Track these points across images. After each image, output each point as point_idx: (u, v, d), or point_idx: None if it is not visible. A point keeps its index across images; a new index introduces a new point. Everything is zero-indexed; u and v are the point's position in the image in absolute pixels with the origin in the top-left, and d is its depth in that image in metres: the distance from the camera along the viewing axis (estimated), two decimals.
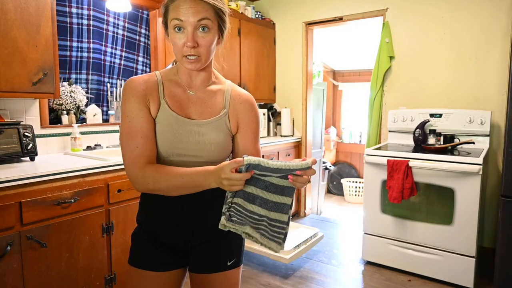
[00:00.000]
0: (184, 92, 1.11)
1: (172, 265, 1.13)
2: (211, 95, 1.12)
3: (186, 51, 1.00)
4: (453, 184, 2.40)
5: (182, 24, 0.98)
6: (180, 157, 1.07)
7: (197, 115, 1.09)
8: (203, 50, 1.01)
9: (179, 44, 1.01)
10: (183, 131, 1.07)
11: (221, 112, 1.11)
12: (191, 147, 1.07)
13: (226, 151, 1.12)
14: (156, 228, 1.12)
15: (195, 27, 0.99)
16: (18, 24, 1.92)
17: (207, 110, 1.11)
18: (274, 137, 3.86)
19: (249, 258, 2.92)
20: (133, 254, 1.15)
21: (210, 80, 1.14)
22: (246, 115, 1.14)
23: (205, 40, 1.01)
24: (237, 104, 1.13)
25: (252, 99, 1.17)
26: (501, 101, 2.79)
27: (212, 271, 1.14)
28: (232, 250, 1.17)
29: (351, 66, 5.51)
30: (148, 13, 3.10)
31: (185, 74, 1.11)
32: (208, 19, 0.99)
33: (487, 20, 2.82)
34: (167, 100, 1.08)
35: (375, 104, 3.35)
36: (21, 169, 1.83)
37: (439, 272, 2.49)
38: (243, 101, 1.14)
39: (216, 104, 1.12)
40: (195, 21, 0.98)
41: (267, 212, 0.97)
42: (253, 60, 3.75)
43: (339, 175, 5.45)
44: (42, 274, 1.79)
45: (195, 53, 1.00)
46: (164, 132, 1.06)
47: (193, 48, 0.99)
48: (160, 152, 1.07)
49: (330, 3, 3.61)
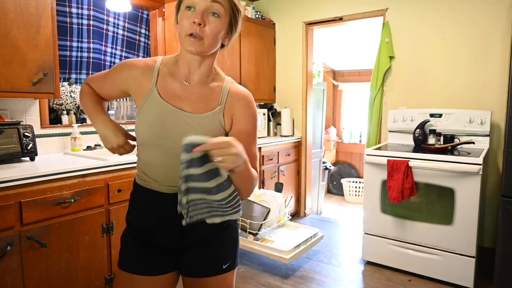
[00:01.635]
0: (180, 84, 1.08)
1: (164, 269, 1.09)
2: (207, 92, 1.08)
3: (190, 29, 0.97)
4: (453, 184, 2.40)
5: (195, 3, 0.97)
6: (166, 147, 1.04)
7: (190, 109, 1.06)
8: (208, 33, 0.99)
9: (186, 22, 0.98)
10: (172, 121, 1.04)
11: (216, 108, 1.07)
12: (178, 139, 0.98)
13: None
14: (146, 228, 1.09)
15: (206, 9, 0.98)
16: (18, 24, 1.92)
17: (201, 105, 1.07)
18: (274, 137, 3.86)
19: (249, 258, 2.92)
20: (123, 257, 1.11)
21: (209, 75, 1.10)
22: (242, 112, 1.08)
23: (212, 24, 0.99)
24: (234, 100, 1.08)
25: (250, 96, 1.12)
26: (501, 101, 2.79)
27: (207, 275, 1.10)
28: (226, 253, 1.13)
29: (351, 66, 5.51)
30: (148, 13, 3.10)
31: (184, 65, 1.07)
32: (221, 4, 0.99)
33: (487, 20, 2.82)
34: (158, 88, 1.07)
35: (375, 104, 3.35)
36: (21, 169, 1.83)
37: (439, 272, 2.49)
38: (240, 98, 1.09)
39: (212, 101, 1.08)
40: (208, 1, 0.97)
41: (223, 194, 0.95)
42: (253, 60, 3.75)
43: (339, 175, 5.45)
44: (42, 274, 1.79)
45: (200, 32, 0.98)
46: (151, 119, 1.04)
47: (199, 25, 0.97)
48: (145, 140, 1.05)
49: (330, 3, 3.61)
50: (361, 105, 5.55)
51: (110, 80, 1.16)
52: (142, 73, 1.09)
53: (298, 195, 4.05)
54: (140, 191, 1.12)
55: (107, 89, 1.18)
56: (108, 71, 1.18)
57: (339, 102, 5.81)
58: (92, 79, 1.22)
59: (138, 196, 1.13)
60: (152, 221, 1.08)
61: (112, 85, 1.16)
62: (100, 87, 1.20)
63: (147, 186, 1.09)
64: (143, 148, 1.09)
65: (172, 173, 1.04)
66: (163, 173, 1.07)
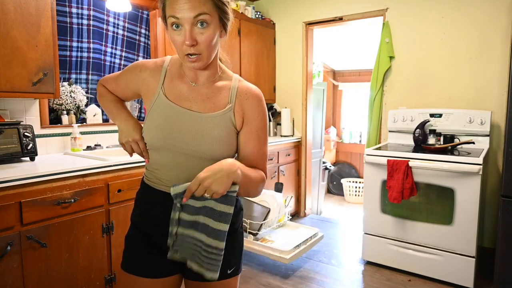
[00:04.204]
0: (186, 85, 1.07)
1: (167, 271, 1.08)
2: (215, 91, 1.06)
3: (186, 50, 0.95)
4: (453, 184, 2.40)
5: (179, 22, 0.93)
6: (177, 148, 1.02)
7: (198, 109, 1.04)
8: (203, 48, 0.95)
9: (178, 42, 0.96)
10: (181, 122, 1.03)
11: (226, 106, 1.05)
12: (189, 140, 1.02)
13: (230, 148, 1.06)
14: (151, 228, 1.08)
15: (192, 24, 0.93)
16: (18, 24, 1.92)
17: (211, 105, 1.05)
18: (274, 137, 3.85)
19: (249, 258, 2.92)
20: (126, 259, 1.11)
21: (215, 75, 1.08)
22: (252, 110, 1.06)
23: (204, 36, 0.94)
24: (243, 99, 1.06)
25: (260, 94, 1.10)
26: (501, 101, 2.79)
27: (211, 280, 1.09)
28: (232, 257, 1.10)
29: (351, 66, 5.51)
30: (148, 13, 3.10)
31: (189, 69, 1.06)
32: (205, 13, 0.92)
33: (487, 20, 2.82)
34: (165, 89, 1.06)
35: (375, 104, 3.35)
36: (21, 169, 1.83)
37: (439, 272, 2.49)
38: (250, 96, 1.07)
39: (220, 99, 1.06)
40: (191, 17, 0.91)
41: (205, 238, 0.95)
42: (253, 60, 3.75)
43: (339, 175, 5.45)
44: (42, 274, 1.79)
45: (195, 51, 0.95)
46: (158, 122, 1.04)
47: (192, 46, 0.94)
48: (154, 143, 1.04)
49: (330, 3, 3.61)
50: (361, 105, 5.55)
51: (122, 82, 1.18)
52: (151, 74, 1.10)
53: (298, 195, 4.05)
54: (148, 191, 1.11)
55: (120, 90, 1.20)
56: (120, 73, 1.19)
57: (339, 102, 5.81)
58: (105, 80, 1.24)
59: (146, 196, 1.12)
60: (158, 222, 1.07)
61: (124, 87, 1.18)
62: (114, 89, 1.22)
63: (155, 187, 1.09)
64: (152, 150, 1.08)
65: (181, 173, 1.04)
66: (172, 173, 1.06)
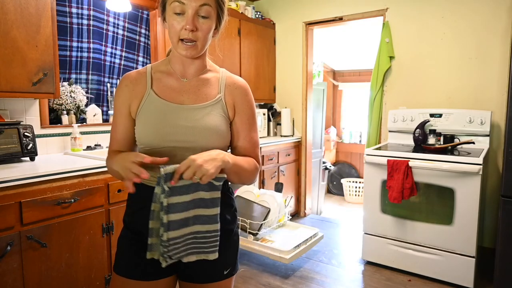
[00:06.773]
0: (176, 81, 1.09)
1: (160, 273, 1.06)
2: (205, 82, 1.10)
3: (183, 34, 0.99)
4: (453, 184, 2.40)
5: (183, 8, 0.98)
6: (173, 143, 1.03)
7: (191, 101, 1.07)
8: (201, 36, 1.01)
9: (177, 27, 0.99)
10: (174, 116, 1.04)
11: (217, 96, 1.09)
12: (184, 131, 1.03)
13: (223, 137, 1.08)
14: (143, 228, 1.04)
15: (195, 12, 0.98)
16: (18, 24, 1.92)
17: (202, 96, 1.08)
18: (274, 137, 3.85)
19: (249, 258, 2.92)
20: (118, 261, 1.09)
21: (204, 68, 1.12)
22: (241, 100, 1.11)
23: (204, 26, 1.00)
24: (232, 88, 1.11)
25: (246, 84, 1.16)
26: (501, 101, 2.79)
27: (206, 281, 1.08)
28: (227, 258, 1.10)
29: (351, 66, 5.51)
30: (148, 13, 3.10)
31: (178, 62, 1.09)
32: (209, 5, 0.99)
33: (487, 20, 2.82)
34: (155, 90, 1.08)
35: (375, 104, 3.35)
36: (21, 169, 1.83)
37: (439, 272, 2.49)
38: (238, 86, 1.13)
39: (210, 90, 1.10)
40: (197, 5, 0.98)
41: (201, 227, 0.98)
42: (253, 60, 3.75)
43: (339, 175, 5.45)
44: (42, 274, 1.79)
45: (193, 37, 0.99)
46: (152, 120, 1.04)
47: (191, 31, 0.98)
48: (151, 142, 1.04)
49: (330, 3, 3.61)
50: (361, 105, 5.55)
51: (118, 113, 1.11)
52: (135, 82, 1.10)
53: (298, 195, 4.05)
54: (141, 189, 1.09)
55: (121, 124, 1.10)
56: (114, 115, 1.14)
57: (339, 102, 5.81)
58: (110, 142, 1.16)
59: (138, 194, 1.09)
60: None
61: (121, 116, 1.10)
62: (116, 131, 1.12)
63: (148, 184, 1.07)
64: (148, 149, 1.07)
65: None
66: None
